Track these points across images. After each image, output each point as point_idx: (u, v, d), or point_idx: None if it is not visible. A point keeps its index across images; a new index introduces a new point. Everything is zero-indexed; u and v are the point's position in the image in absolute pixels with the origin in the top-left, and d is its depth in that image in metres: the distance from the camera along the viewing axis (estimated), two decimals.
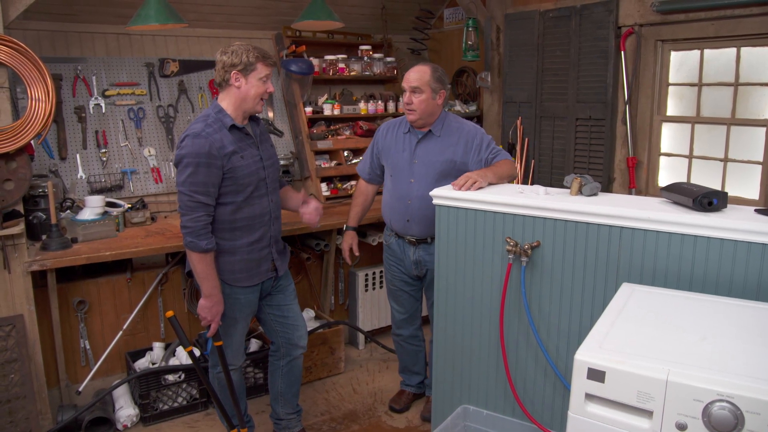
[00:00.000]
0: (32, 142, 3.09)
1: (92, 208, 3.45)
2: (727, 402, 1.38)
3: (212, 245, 2.57)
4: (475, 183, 2.66)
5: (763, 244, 1.98)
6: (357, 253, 3.40)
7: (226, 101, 2.64)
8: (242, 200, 2.64)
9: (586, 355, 1.59)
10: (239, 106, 2.64)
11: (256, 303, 2.87)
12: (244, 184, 2.62)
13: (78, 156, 3.92)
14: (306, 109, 4.62)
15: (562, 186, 2.63)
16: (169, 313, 2.70)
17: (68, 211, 3.55)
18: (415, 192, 3.06)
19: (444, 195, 2.66)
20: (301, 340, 3.02)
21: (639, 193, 4.00)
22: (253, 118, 2.78)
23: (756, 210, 2.17)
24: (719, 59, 3.67)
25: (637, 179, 4.01)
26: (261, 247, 2.76)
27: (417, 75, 3.01)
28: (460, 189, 2.64)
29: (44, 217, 3.28)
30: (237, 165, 2.59)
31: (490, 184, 2.77)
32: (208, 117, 2.61)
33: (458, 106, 5.02)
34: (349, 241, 3.40)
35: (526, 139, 4.56)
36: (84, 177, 3.92)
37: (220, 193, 2.60)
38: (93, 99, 4.01)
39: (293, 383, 3.09)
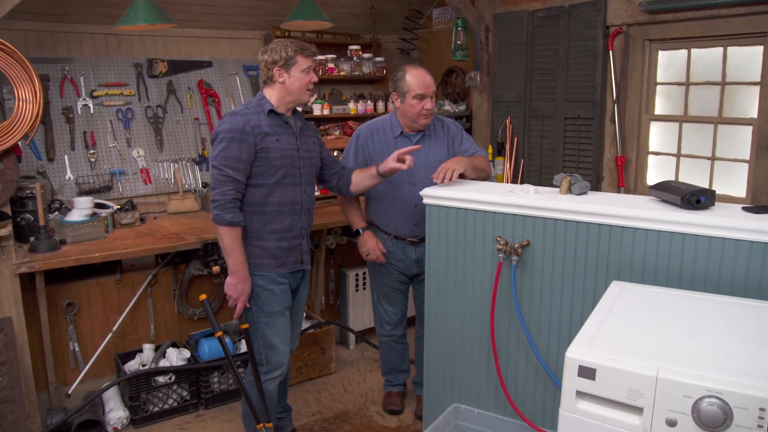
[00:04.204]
0: (19, 143, 3.06)
1: (81, 209, 3.43)
2: (716, 398, 1.40)
3: (238, 219, 2.57)
4: (453, 171, 2.75)
5: (750, 241, 2.00)
6: (384, 249, 3.22)
7: (269, 93, 2.71)
8: (273, 183, 2.65)
9: (577, 352, 1.59)
10: (283, 98, 2.69)
11: (290, 296, 2.84)
12: (276, 166, 2.64)
13: (66, 157, 3.90)
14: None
15: (551, 185, 2.64)
16: (203, 297, 2.72)
17: (56, 212, 3.53)
18: (420, 196, 3.00)
19: (434, 194, 2.67)
20: (293, 344, 3.01)
21: (628, 191, 4.02)
22: (297, 114, 2.81)
23: (743, 208, 2.19)
24: (706, 59, 3.70)
25: (626, 178, 4.03)
26: (291, 237, 2.76)
27: (431, 80, 3.05)
28: (442, 182, 2.72)
29: (32, 218, 3.25)
30: (271, 146, 2.62)
31: (466, 177, 2.87)
32: (249, 102, 2.72)
33: (447, 106, 5.03)
34: (373, 240, 3.21)
35: (516, 139, 4.57)
36: (72, 178, 3.90)
37: (253, 174, 2.62)
38: (81, 100, 3.99)
39: (283, 384, 3.09)
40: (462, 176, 2.86)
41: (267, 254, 2.72)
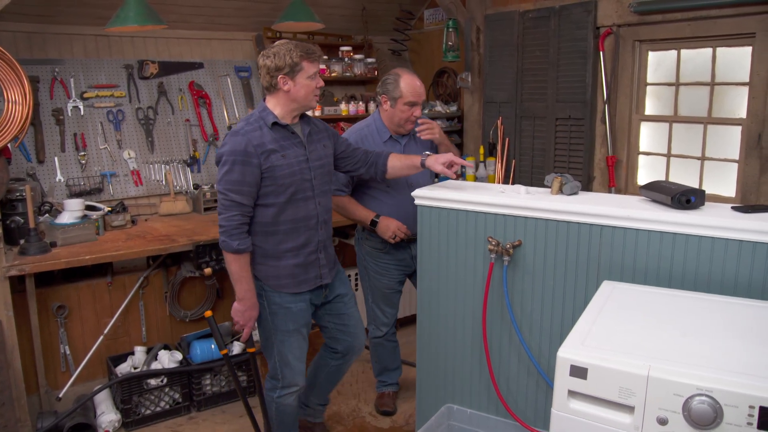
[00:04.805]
0: (9, 145, 3.04)
1: (71, 211, 3.41)
2: (707, 396, 1.41)
3: (245, 246, 2.49)
4: (434, 128, 3.06)
5: (740, 240, 2.01)
6: (408, 231, 3.16)
7: (273, 102, 2.56)
8: (284, 201, 2.53)
9: (569, 352, 1.60)
10: (288, 106, 2.55)
11: (309, 313, 2.75)
12: (284, 184, 2.51)
13: (56, 159, 3.88)
14: None
15: (542, 185, 2.65)
16: (208, 313, 2.69)
17: (47, 214, 3.51)
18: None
19: (426, 195, 2.67)
20: (360, 346, 2.99)
21: (619, 191, 4.04)
22: (304, 119, 2.68)
23: (733, 207, 2.21)
24: (696, 59, 3.72)
25: (617, 178, 4.05)
26: (308, 252, 2.65)
27: (422, 88, 3.09)
28: (433, 136, 3.15)
29: (22, 221, 3.23)
30: (276, 164, 2.48)
31: (439, 146, 3.22)
32: (251, 116, 2.56)
33: (439, 107, 5.03)
34: (393, 222, 3.11)
35: (507, 139, 4.58)
36: (62, 180, 3.88)
37: (261, 194, 2.51)
38: (71, 101, 3.96)
39: (334, 381, 3.09)
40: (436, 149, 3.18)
41: (285, 274, 2.62)
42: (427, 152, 2.87)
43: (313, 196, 2.63)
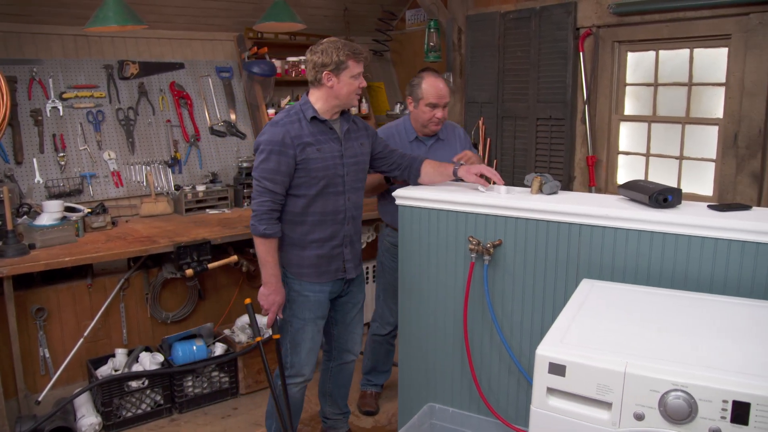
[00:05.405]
0: None
1: (50, 213, 3.38)
2: (682, 391, 1.43)
3: (272, 231, 2.53)
4: (471, 158, 2.91)
5: (715, 238, 2.04)
6: None
7: (315, 96, 2.61)
8: (315, 194, 2.59)
9: (547, 350, 1.62)
10: (330, 102, 2.59)
11: (326, 305, 2.78)
12: (317, 177, 2.57)
13: (35, 160, 3.84)
14: (269, 110, 4.60)
15: (524, 185, 2.67)
16: (247, 301, 2.69)
17: (25, 216, 3.47)
18: None
19: (407, 195, 2.68)
20: (354, 347, 2.99)
21: (599, 190, 4.08)
22: (345, 116, 2.72)
23: (709, 206, 2.24)
24: (674, 60, 3.77)
25: (597, 177, 4.09)
26: (333, 246, 2.69)
27: (446, 89, 3.10)
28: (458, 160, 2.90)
29: (0, 223, 3.20)
30: (311, 157, 2.54)
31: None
32: (291, 108, 2.63)
33: None
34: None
35: (488, 139, 4.61)
36: (41, 182, 3.84)
37: (294, 185, 2.57)
38: (50, 102, 3.93)
39: (342, 385, 3.07)
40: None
41: (307, 263, 2.66)
42: (461, 162, 2.87)
43: (344, 192, 2.67)
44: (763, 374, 1.42)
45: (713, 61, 3.58)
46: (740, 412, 1.38)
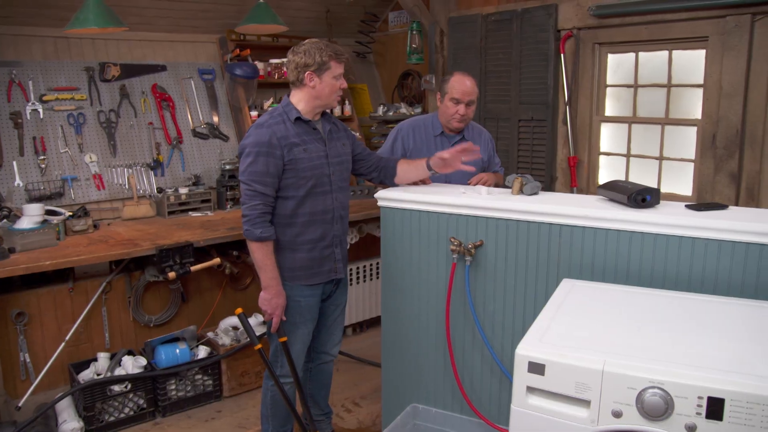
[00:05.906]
0: None
1: (30, 216, 3.35)
2: (658, 388, 1.45)
3: (268, 234, 2.52)
4: (487, 182, 2.94)
5: (693, 237, 2.07)
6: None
7: (297, 97, 2.62)
8: (303, 195, 2.59)
9: (527, 349, 1.63)
10: (311, 102, 2.61)
11: (316, 309, 2.77)
12: (305, 177, 2.57)
13: (15, 163, 3.80)
14: (251, 113, 4.58)
15: (505, 186, 2.69)
16: (238, 310, 2.66)
17: (5, 220, 3.44)
18: None
19: (388, 197, 2.69)
20: (332, 348, 2.99)
21: (581, 191, 4.12)
22: (326, 117, 2.74)
23: (686, 205, 2.27)
24: (653, 61, 3.81)
25: (579, 178, 4.13)
26: (324, 246, 2.69)
27: (473, 88, 3.11)
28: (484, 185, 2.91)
29: None
30: (299, 157, 2.55)
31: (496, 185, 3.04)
32: (274, 110, 2.63)
33: (404, 109, 5.05)
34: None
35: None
36: (21, 185, 3.80)
37: (282, 186, 2.56)
38: (30, 104, 3.89)
39: (323, 386, 3.07)
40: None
41: (299, 265, 2.66)
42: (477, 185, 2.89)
43: (331, 191, 2.69)
44: (738, 370, 1.45)
45: (691, 62, 3.63)
46: (715, 407, 1.40)
